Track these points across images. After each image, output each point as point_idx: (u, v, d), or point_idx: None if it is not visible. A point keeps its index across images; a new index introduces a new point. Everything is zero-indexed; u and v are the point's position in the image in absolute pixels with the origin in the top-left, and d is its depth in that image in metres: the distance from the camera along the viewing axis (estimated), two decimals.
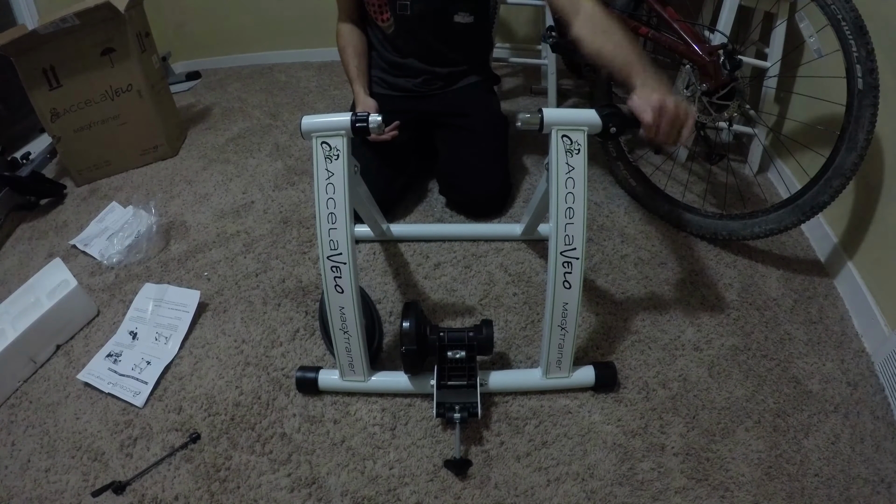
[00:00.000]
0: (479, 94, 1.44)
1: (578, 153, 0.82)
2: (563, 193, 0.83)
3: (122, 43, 1.55)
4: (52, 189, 1.58)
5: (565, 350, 0.91)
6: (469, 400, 0.86)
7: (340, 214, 0.83)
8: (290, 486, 0.85)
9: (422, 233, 1.31)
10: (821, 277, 1.18)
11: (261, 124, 1.91)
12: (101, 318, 1.17)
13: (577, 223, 0.83)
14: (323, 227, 0.84)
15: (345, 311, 0.87)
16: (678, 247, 1.26)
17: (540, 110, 0.82)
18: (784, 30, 1.33)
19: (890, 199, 1.04)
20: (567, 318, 0.88)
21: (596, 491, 0.82)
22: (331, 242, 0.84)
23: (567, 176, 0.82)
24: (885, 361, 0.96)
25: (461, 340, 0.90)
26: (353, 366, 0.93)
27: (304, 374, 0.96)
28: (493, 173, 1.36)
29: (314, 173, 0.83)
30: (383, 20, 1.29)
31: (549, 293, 0.86)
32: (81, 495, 0.85)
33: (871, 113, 0.97)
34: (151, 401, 0.98)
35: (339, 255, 0.84)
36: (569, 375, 0.94)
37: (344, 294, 0.86)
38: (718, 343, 1.04)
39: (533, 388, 0.96)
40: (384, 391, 0.96)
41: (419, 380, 0.94)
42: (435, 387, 0.87)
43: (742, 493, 0.82)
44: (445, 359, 0.89)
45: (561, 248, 0.84)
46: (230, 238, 1.36)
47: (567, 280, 0.85)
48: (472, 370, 0.88)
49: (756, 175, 1.48)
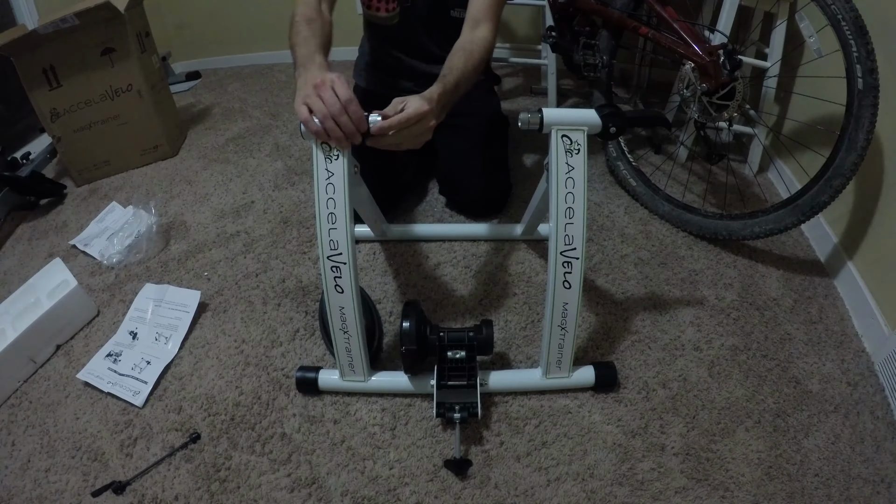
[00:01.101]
0: (479, 94, 1.42)
1: (578, 153, 0.82)
2: (562, 193, 0.83)
3: (122, 43, 1.55)
4: (52, 189, 1.58)
5: (565, 350, 0.91)
6: (469, 400, 0.86)
7: (340, 214, 0.83)
8: (290, 486, 0.85)
9: (422, 233, 1.31)
10: (821, 277, 1.18)
11: (261, 124, 1.91)
12: (101, 318, 1.17)
13: (577, 223, 0.83)
14: (323, 226, 0.83)
15: (345, 311, 0.87)
16: (678, 247, 1.26)
17: (540, 110, 0.82)
18: (784, 30, 1.33)
19: (890, 199, 1.04)
20: (567, 318, 0.88)
21: (596, 491, 0.82)
22: (331, 242, 0.83)
23: (567, 176, 0.82)
24: (885, 361, 0.96)
25: (461, 340, 0.90)
26: (354, 366, 0.92)
27: (304, 374, 0.96)
28: (493, 173, 1.36)
29: (314, 173, 0.83)
30: (389, 10, 1.25)
31: (548, 293, 0.86)
32: (81, 495, 0.85)
33: (871, 113, 0.97)
34: (151, 401, 0.98)
35: (339, 255, 0.84)
36: (569, 375, 0.94)
37: (344, 294, 0.86)
38: (718, 343, 1.04)
39: (533, 388, 0.96)
40: (384, 391, 0.96)
41: (419, 380, 0.94)
42: (435, 387, 0.87)
43: (742, 493, 0.82)
44: (445, 359, 0.89)
45: (561, 248, 0.84)
46: (230, 238, 1.36)
47: (567, 280, 0.85)
48: (472, 370, 0.88)
49: (756, 175, 1.48)
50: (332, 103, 0.78)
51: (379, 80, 1.40)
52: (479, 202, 1.37)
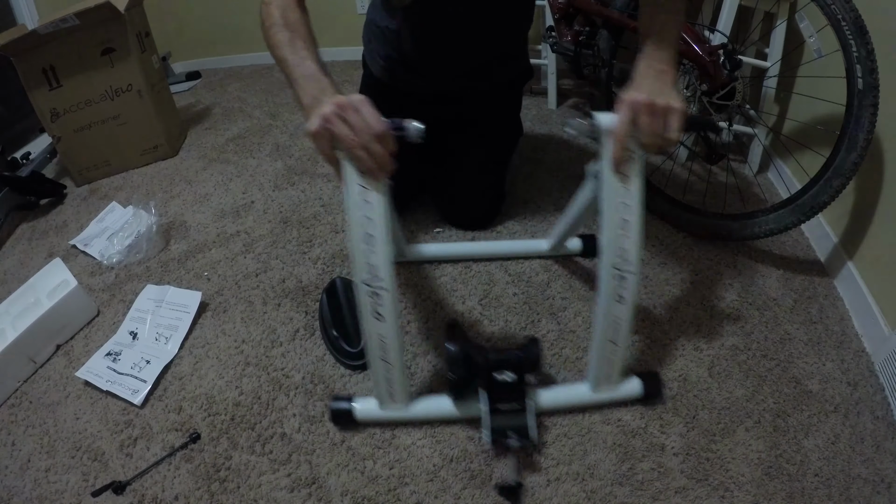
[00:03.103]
0: (510, 95, 1.27)
1: (633, 161, 0.76)
2: (617, 204, 0.77)
3: (122, 43, 1.56)
4: (52, 189, 1.58)
5: (615, 365, 0.87)
6: (522, 423, 0.82)
7: (379, 235, 0.74)
8: (290, 486, 0.85)
9: (443, 252, 1.23)
10: (821, 277, 1.18)
11: (261, 124, 1.91)
12: (101, 318, 1.17)
13: (632, 235, 0.78)
14: (358, 249, 0.74)
15: (385, 339, 0.79)
16: (678, 247, 1.26)
17: (592, 115, 0.76)
18: (784, 30, 1.33)
19: (890, 199, 1.04)
20: (619, 333, 0.83)
21: (596, 491, 0.82)
22: (368, 267, 0.75)
23: (622, 185, 0.77)
24: (885, 361, 0.96)
25: (508, 361, 0.84)
26: (394, 394, 0.86)
27: (338, 404, 0.89)
28: (498, 194, 1.30)
29: (346, 191, 0.73)
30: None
31: (599, 308, 0.82)
32: (81, 495, 0.85)
33: (871, 113, 0.97)
34: (151, 401, 0.98)
35: (379, 282, 0.76)
36: (616, 389, 0.90)
37: (384, 322, 0.78)
38: (718, 343, 1.04)
39: (582, 404, 0.92)
40: (427, 419, 0.91)
41: (464, 404, 0.88)
42: (486, 412, 0.83)
43: (742, 493, 0.82)
44: (494, 382, 0.83)
45: (614, 262, 0.79)
46: (230, 238, 1.36)
47: (620, 295, 0.81)
48: (521, 392, 0.83)
49: (756, 175, 1.48)
50: (363, 129, 0.67)
51: (407, 79, 1.16)
52: (477, 221, 1.31)
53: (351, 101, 0.68)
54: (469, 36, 1.10)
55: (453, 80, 1.16)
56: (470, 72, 1.14)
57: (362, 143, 0.68)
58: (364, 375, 1.00)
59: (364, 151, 0.68)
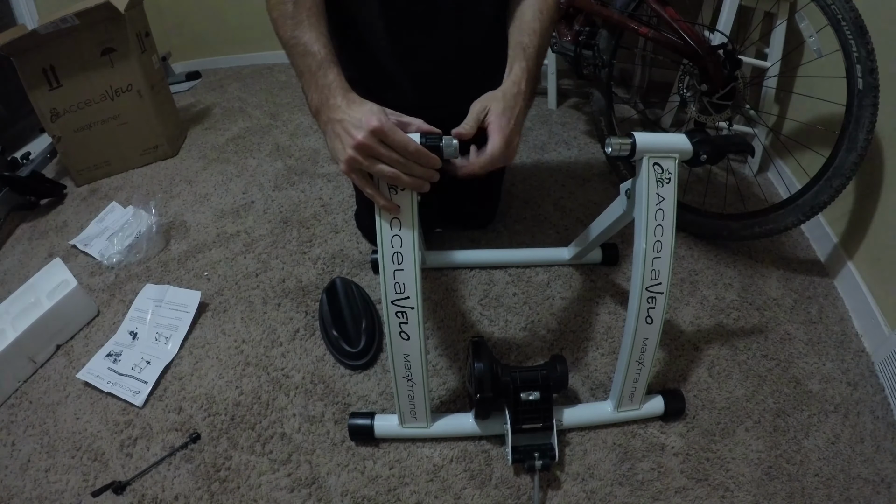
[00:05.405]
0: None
1: (669, 182, 0.76)
2: (652, 226, 0.77)
3: (122, 43, 1.55)
4: (52, 189, 1.58)
5: (640, 384, 0.87)
6: (545, 442, 0.81)
7: (408, 254, 0.72)
8: (290, 486, 0.85)
9: (463, 260, 1.22)
10: (821, 277, 1.18)
11: (261, 124, 1.91)
12: (101, 318, 1.17)
13: (665, 257, 0.77)
14: (387, 268, 0.73)
15: (410, 358, 0.79)
16: (678, 247, 1.26)
17: (631, 135, 0.75)
18: (784, 30, 1.33)
19: (890, 199, 1.04)
20: (646, 354, 0.83)
21: (596, 491, 0.82)
22: (396, 286, 0.74)
23: (658, 207, 0.76)
24: (885, 361, 0.96)
25: (535, 380, 0.82)
26: (416, 413, 0.86)
27: (357, 421, 0.88)
28: (498, 198, 1.31)
29: (377, 207, 0.71)
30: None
31: (628, 328, 0.82)
32: (81, 495, 0.85)
33: (871, 113, 0.97)
34: (151, 401, 0.98)
35: (407, 300, 0.74)
36: (640, 407, 0.90)
37: (410, 341, 0.77)
38: (718, 343, 1.04)
39: (605, 423, 0.91)
40: (449, 436, 0.90)
41: (487, 422, 0.87)
42: (510, 431, 0.81)
43: (742, 493, 0.82)
44: (519, 401, 0.82)
45: (647, 284, 0.78)
46: (230, 238, 1.36)
47: (650, 315, 0.80)
48: (547, 411, 0.82)
49: (756, 175, 1.48)
50: (395, 160, 0.64)
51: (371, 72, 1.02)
52: (476, 221, 1.31)
53: (372, 131, 0.63)
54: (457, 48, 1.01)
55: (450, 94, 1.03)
56: (464, 84, 0.98)
57: (402, 174, 0.66)
58: (364, 375, 1.00)
59: (407, 178, 0.67)
